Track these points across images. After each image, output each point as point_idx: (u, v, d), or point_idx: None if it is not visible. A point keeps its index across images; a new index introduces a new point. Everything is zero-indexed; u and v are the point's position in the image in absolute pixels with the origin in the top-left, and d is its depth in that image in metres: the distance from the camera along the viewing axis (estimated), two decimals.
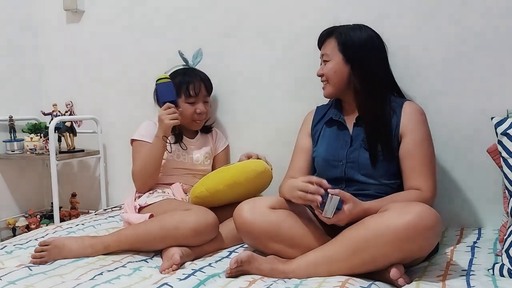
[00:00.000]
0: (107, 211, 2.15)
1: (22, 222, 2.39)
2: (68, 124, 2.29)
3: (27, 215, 2.44)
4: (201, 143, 2.03)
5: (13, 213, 2.47)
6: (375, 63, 1.57)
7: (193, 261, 1.51)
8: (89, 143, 2.43)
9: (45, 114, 2.35)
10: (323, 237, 1.45)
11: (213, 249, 1.61)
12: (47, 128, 2.28)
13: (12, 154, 2.37)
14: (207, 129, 2.08)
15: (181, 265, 1.45)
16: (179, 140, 1.95)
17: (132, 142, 1.96)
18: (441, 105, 1.78)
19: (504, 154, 1.39)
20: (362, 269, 1.29)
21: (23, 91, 2.52)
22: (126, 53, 2.36)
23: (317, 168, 1.66)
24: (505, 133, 1.39)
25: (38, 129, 2.38)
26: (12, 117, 2.36)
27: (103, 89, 2.43)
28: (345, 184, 1.56)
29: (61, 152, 2.29)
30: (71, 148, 2.33)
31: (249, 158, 1.81)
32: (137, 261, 1.50)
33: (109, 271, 1.38)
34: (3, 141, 2.38)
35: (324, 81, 1.64)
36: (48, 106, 2.38)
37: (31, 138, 2.35)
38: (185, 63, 2.04)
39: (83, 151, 2.36)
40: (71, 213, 2.41)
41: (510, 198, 1.36)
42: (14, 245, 1.62)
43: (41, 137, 2.36)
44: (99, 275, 1.35)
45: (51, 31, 2.53)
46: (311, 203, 1.38)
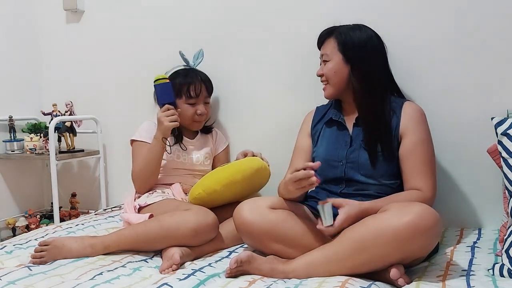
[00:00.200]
0: (107, 211, 2.15)
1: (22, 222, 2.39)
2: (68, 124, 2.29)
3: (27, 215, 2.44)
4: (201, 144, 2.03)
5: (13, 213, 2.47)
6: (375, 63, 1.57)
7: (193, 261, 1.51)
8: (89, 143, 2.43)
9: (45, 114, 2.35)
10: (323, 237, 1.44)
11: (213, 249, 1.61)
12: (47, 128, 2.28)
13: (12, 154, 2.37)
14: (207, 129, 2.08)
15: (181, 265, 1.45)
16: (179, 140, 1.95)
17: (132, 142, 1.96)
18: (441, 105, 1.78)
19: (504, 154, 1.38)
20: (362, 269, 1.29)
21: (23, 91, 2.52)
22: (126, 53, 2.36)
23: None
24: (505, 133, 1.38)
25: (38, 129, 2.37)
26: (12, 117, 2.36)
27: (103, 89, 2.43)
28: (345, 184, 1.56)
29: (61, 152, 2.29)
30: (71, 148, 2.33)
31: (246, 156, 1.81)
32: (137, 261, 1.50)
33: (109, 271, 1.38)
34: (3, 141, 2.38)
35: (324, 81, 1.64)
36: (48, 106, 2.38)
37: (31, 138, 2.35)
38: (185, 64, 2.04)
39: (83, 151, 2.36)
40: (71, 213, 2.41)
41: (510, 198, 1.36)
42: (14, 245, 1.62)
43: (41, 137, 2.36)
44: (99, 275, 1.35)
45: (51, 31, 2.53)
46: (309, 187, 1.37)
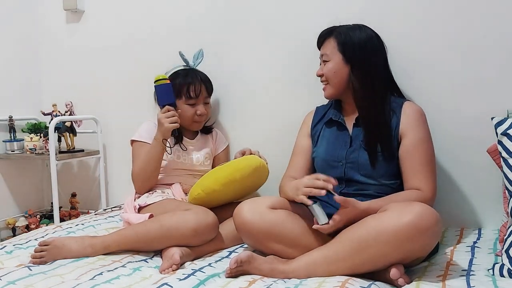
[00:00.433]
0: (107, 211, 2.15)
1: (22, 222, 2.39)
2: (68, 124, 2.29)
3: (27, 215, 2.45)
4: (201, 144, 2.03)
5: (13, 213, 2.47)
6: (375, 63, 1.57)
7: (193, 261, 1.51)
8: (89, 143, 2.43)
9: (45, 114, 2.35)
10: (323, 237, 1.45)
11: (213, 249, 1.61)
12: (47, 128, 2.28)
13: (12, 154, 2.37)
14: (207, 129, 2.08)
15: (181, 265, 1.45)
16: (179, 140, 1.95)
17: (132, 142, 1.96)
18: (441, 105, 1.78)
19: (504, 154, 1.38)
20: (362, 269, 1.29)
21: (23, 91, 2.52)
22: (126, 53, 2.36)
23: (316, 168, 1.65)
24: (505, 133, 1.39)
25: (38, 129, 2.37)
26: (12, 117, 2.36)
27: (103, 89, 2.43)
28: (345, 184, 1.56)
29: (61, 152, 2.29)
30: (71, 148, 2.33)
31: (244, 154, 1.81)
32: (137, 261, 1.50)
33: (109, 271, 1.38)
34: (3, 141, 2.38)
35: (324, 82, 1.64)
36: (48, 106, 2.38)
37: (31, 138, 2.35)
38: (185, 64, 2.04)
39: (83, 151, 2.36)
40: (71, 213, 2.41)
41: (510, 198, 1.36)
42: (14, 245, 1.62)
43: (41, 137, 2.36)
44: (99, 275, 1.35)
45: (51, 31, 2.53)
46: (308, 202, 1.38)
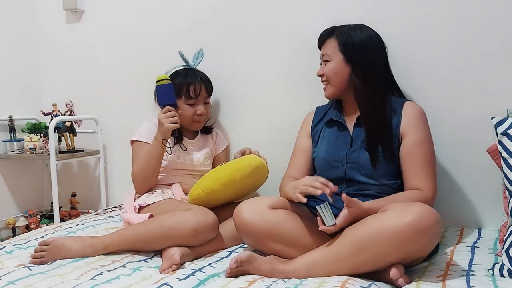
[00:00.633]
0: (107, 211, 2.15)
1: (22, 222, 2.39)
2: (68, 124, 2.29)
3: (27, 215, 2.44)
4: (201, 144, 2.03)
5: (13, 213, 2.47)
6: (375, 63, 1.57)
7: (193, 261, 1.51)
8: (89, 143, 2.43)
9: (45, 114, 2.35)
10: (323, 237, 1.44)
11: (213, 249, 1.61)
12: (47, 128, 2.28)
13: (12, 154, 2.37)
14: (208, 129, 2.08)
15: (181, 265, 1.45)
16: (179, 141, 1.95)
17: (132, 142, 1.96)
18: (441, 105, 1.78)
19: (504, 154, 1.38)
20: (362, 269, 1.29)
21: (23, 91, 2.52)
22: (126, 53, 2.36)
23: (317, 168, 1.66)
24: (505, 133, 1.39)
25: (38, 129, 2.37)
26: (12, 117, 2.36)
27: (103, 89, 2.43)
28: (345, 184, 1.56)
29: (61, 152, 2.29)
30: (71, 148, 2.33)
31: (243, 154, 1.81)
32: (137, 261, 1.50)
33: (109, 271, 1.38)
34: (3, 141, 2.38)
35: (324, 82, 1.64)
36: (48, 106, 2.38)
37: (31, 138, 2.35)
38: (185, 64, 2.04)
39: (83, 151, 2.36)
40: (71, 213, 2.41)
41: (510, 198, 1.36)
42: (14, 245, 1.62)
43: (41, 137, 2.36)
44: (99, 275, 1.35)
45: (51, 31, 2.53)
46: (303, 199, 1.39)
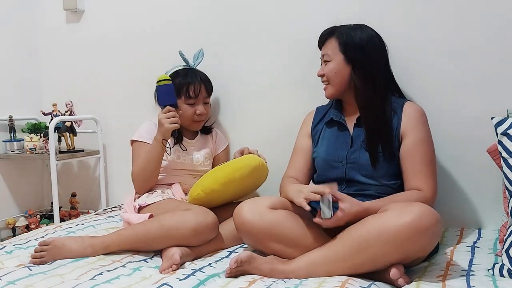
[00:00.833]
0: (107, 211, 2.15)
1: (22, 222, 2.39)
2: (68, 124, 2.29)
3: (27, 215, 2.44)
4: (201, 144, 2.03)
5: (13, 213, 2.47)
6: (376, 63, 1.57)
7: (193, 261, 1.51)
8: (89, 143, 2.43)
9: (45, 114, 2.35)
10: (323, 237, 1.44)
11: (213, 249, 1.61)
12: (47, 128, 2.28)
13: (12, 154, 2.37)
14: (207, 130, 2.08)
15: (181, 265, 1.45)
16: (179, 141, 1.95)
17: (132, 143, 1.96)
18: (441, 105, 1.78)
19: (504, 154, 1.38)
20: (362, 269, 1.29)
21: (23, 91, 2.52)
22: (126, 53, 2.36)
23: (317, 168, 1.66)
24: (505, 133, 1.38)
25: (38, 129, 2.37)
26: (12, 117, 2.36)
27: (103, 89, 2.43)
28: (345, 184, 1.56)
29: (61, 152, 2.29)
30: (71, 148, 2.33)
31: (242, 153, 1.81)
32: (137, 261, 1.50)
33: (109, 271, 1.38)
34: (3, 141, 2.38)
35: (325, 82, 1.64)
36: (48, 106, 2.38)
37: (31, 138, 2.35)
38: (185, 64, 2.04)
39: (83, 151, 2.36)
40: (71, 213, 2.41)
41: (510, 198, 1.36)
42: (14, 245, 1.62)
43: (41, 137, 2.36)
44: (99, 275, 1.35)
45: (51, 31, 2.53)
46: (307, 207, 1.38)
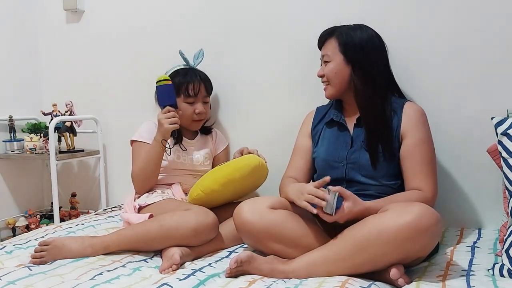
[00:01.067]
0: (107, 211, 2.15)
1: (22, 222, 2.39)
2: (68, 124, 2.29)
3: (27, 215, 2.44)
4: (201, 144, 2.03)
5: (13, 213, 2.47)
6: (376, 63, 1.57)
7: (193, 261, 1.51)
8: (89, 143, 2.43)
9: (45, 114, 2.35)
10: (323, 237, 1.45)
11: (213, 249, 1.61)
12: (47, 128, 2.28)
13: (11, 154, 2.37)
14: (207, 130, 2.08)
15: (181, 265, 1.45)
16: (179, 141, 1.95)
17: (132, 143, 1.96)
18: (441, 105, 1.78)
19: (504, 154, 1.38)
20: (362, 269, 1.29)
21: (23, 91, 2.52)
22: (126, 53, 2.36)
23: (317, 169, 1.66)
24: (505, 133, 1.38)
25: (38, 129, 2.37)
26: (12, 117, 2.36)
27: (103, 89, 2.43)
28: (345, 185, 1.55)
29: (61, 152, 2.29)
30: (71, 148, 2.33)
31: (242, 153, 1.81)
32: (137, 261, 1.50)
33: (109, 271, 1.38)
34: (3, 141, 2.38)
35: (325, 82, 1.64)
36: (48, 106, 2.38)
37: (31, 138, 2.35)
38: (185, 63, 2.04)
39: (83, 151, 2.36)
40: (71, 213, 2.41)
41: (510, 198, 1.36)
42: (13, 245, 1.62)
43: (41, 137, 2.36)
44: (99, 275, 1.35)
45: (51, 30, 2.53)
46: (313, 210, 1.37)
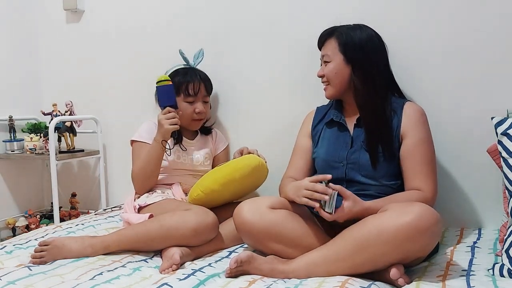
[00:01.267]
0: (107, 211, 2.15)
1: (22, 222, 2.39)
2: (68, 124, 2.29)
3: (27, 215, 2.44)
4: (201, 144, 2.03)
5: (13, 213, 2.47)
6: (376, 63, 1.57)
7: (193, 261, 1.51)
8: (89, 143, 2.43)
9: (45, 114, 2.35)
10: (323, 237, 1.45)
11: (213, 249, 1.61)
12: (47, 128, 2.28)
13: (12, 154, 2.37)
14: (207, 130, 2.08)
15: (181, 265, 1.45)
16: (179, 141, 1.95)
17: (132, 143, 1.96)
18: (441, 105, 1.78)
19: (504, 154, 1.38)
20: (362, 269, 1.29)
21: (23, 91, 2.52)
22: (126, 52, 2.36)
23: (317, 169, 1.66)
24: (505, 133, 1.39)
25: (38, 129, 2.37)
26: (12, 117, 2.36)
27: (103, 89, 2.43)
28: (345, 185, 1.55)
29: (61, 152, 2.29)
30: (71, 148, 2.33)
31: (242, 153, 1.81)
32: (137, 261, 1.50)
33: (109, 271, 1.38)
34: (3, 141, 2.38)
35: (325, 82, 1.64)
36: (48, 106, 2.38)
37: (31, 138, 2.35)
38: (185, 63, 2.04)
39: (83, 151, 2.36)
40: (71, 213, 2.41)
41: (510, 198, 1.36)
42: (14, 245, 1.62)
43: (41, 137, 2.36)
44: (99, 275, 1.35)
45: (51, 30, 2.53)
46: (315, 204, 1.37)
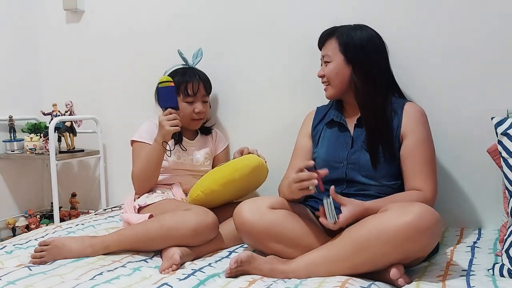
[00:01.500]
0: (107, 211, 2.15)
1: (22, 222, 2.39)
2: (68, 124, 2.29)
3: (27, 215, 2.44)
4: (201, 144, 2.03)
5: (13, 213, 2.47)
6: (376, 63, 1.57)
7: (193, 261, 1.52)
8: (89, 143, 2.43)
9: (45, 114, 2.35)
10: (323, 237, 1.45)
11: (213, 249, 1.61)
12: (47, 128, 2.28)
13: (12, 154, 2.37)
14: (207, 130, 2.08)
15: (181, 265, 1.45)
16: (179, 141, 1.95)
17: (132, 143, 1.96)
18: (441, 105, 1.78)
19: (504, 154, 1.38)
20: (362, 269, 1.29)
21: (23, 91, 2.52)
22: (126, 53, 2.36)
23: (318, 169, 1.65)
24: (505, 133, 1.38)
25: (38, 129, 2.37)
26: (12, 117, 2.36)
27: (103, 89, 2.43)
28: (346, 185, 1.56)
29: (61, 152, 2.29)
30: (71, 148, 2.33)
31: (242, 153, 1.81)
32: (137, 261, 1.50)
33: (109, 271, 1.38)
34: (3, 141, 2.38)
35: (325, 82, 1.64)
36: (48, 106, 2.38)
37: (31, 138, 2.35)
38: (184, 63, 2.04)
39: (83, 151, 2.36)
40: (71, 213, 2.41)
41: (510, 198, 1.36)
42: (14, 245, 1.62)
43: (41, 137, 2.36)
44: (99, 275, 1.35)
45: (51, 30, 2.53)
46: (308, 191, 1.38)
